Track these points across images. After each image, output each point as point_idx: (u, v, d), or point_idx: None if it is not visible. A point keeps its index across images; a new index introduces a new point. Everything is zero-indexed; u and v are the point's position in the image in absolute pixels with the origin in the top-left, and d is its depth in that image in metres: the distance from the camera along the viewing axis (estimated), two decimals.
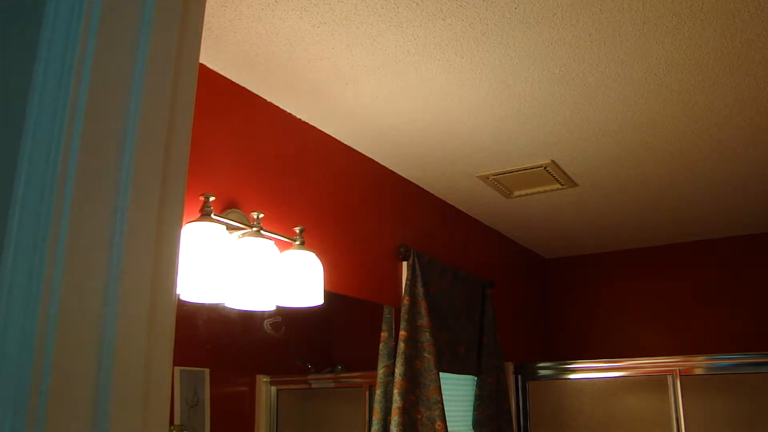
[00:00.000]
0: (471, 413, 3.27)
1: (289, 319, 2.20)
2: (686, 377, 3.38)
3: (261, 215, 1.96)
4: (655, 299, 4.21)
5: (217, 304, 1.89)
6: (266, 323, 2.11)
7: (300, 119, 2.41)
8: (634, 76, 2.15)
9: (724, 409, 3.43)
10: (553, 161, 2.84)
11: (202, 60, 2.01)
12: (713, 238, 4.11)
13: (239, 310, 1.97)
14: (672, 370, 3.40)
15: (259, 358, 2.12)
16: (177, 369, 1.79)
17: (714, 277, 4.08)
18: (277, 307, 2.09)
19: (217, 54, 1.99)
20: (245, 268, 1.84)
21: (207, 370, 1.89)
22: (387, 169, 2.89)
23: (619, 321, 4.30)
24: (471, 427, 3.27)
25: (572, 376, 3.70)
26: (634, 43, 1.96)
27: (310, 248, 2.23)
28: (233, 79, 2.13)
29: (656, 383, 3.48)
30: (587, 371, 3.66)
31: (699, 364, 3.38)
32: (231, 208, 2.04)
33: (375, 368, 2.57)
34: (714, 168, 2.94)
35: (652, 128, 2.54)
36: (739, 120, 2.46)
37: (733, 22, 1.85)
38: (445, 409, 2.71)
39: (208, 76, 2.04)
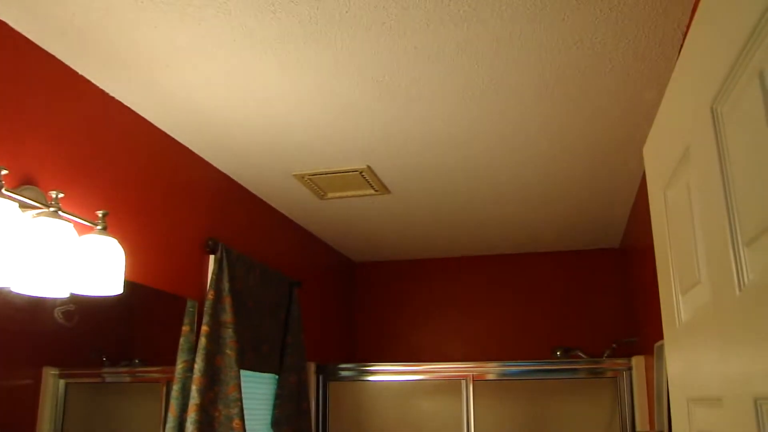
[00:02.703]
0: (270, 412, 3.25)
1: (84, 308, 2.06)
2: (479, 382, 3.60)
3: (60, 195, 1.81)
4: (454, 307, 4.45)
5: (0, 289, 1.73)
6: (57, 311, 1.96)
7: (113, 97, 2.27)
8: (453, 93, 2.26)
9: (511, 411, 3.71)
10: (369, 167, 2.91)
11: (4, 18, 1.83)
12: (514, 253, 4.43)
13: (27, 296, 1.81)
14: (466, 375, 3.62)
15: (48, 349, 1.96)
16: None
17: (510, 289, 4.40)
18: (72, 294, 1.95)
19: (24, 14, 1.82)
20: (37, 251, 1.69)
21: None
22: (202, 159, 2.80)
23: (420, 327, 4.50)
24: (270, 426, 3.25)
25: (372, 378, 3.80)
26: (455, 62, 2.06)
27: (113, 234, 2.10)
28: (40, 45, 1.96)
29: (451, 387, 3.68)
30: (387, 374, 3.79)
31: (490, 370, 3.63)
32: (26, 184, 1.87)
33: (174, 363, 2.47)
34: (519, 188, 3.17)
35: (467, 146, 2.69)
36: (542, 144, 2.67)
37: (545, 53, 2.01)
38: (245, 407, 2.67)
39: (10, 37, 1.86)
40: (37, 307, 1.88)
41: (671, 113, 1.20)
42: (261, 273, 3.08)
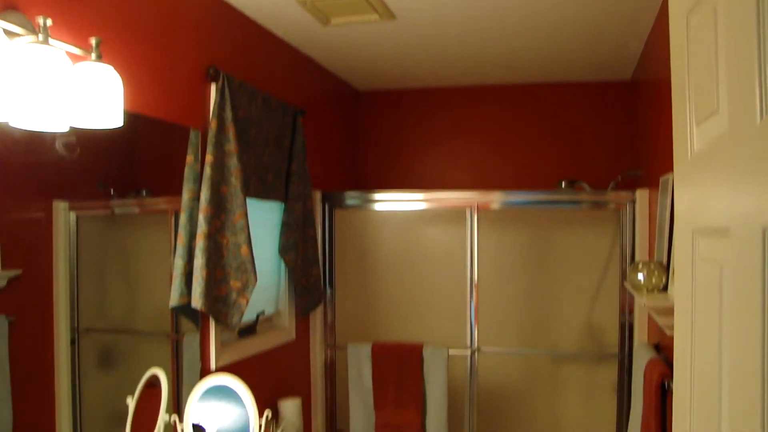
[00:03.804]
0: (278, 239, 3.33)
1: (87, 141, 2.03)
2: (483, 210, 3.65)
3: (48, 21, 1.72)
4: (460, 137, 4.42)
5: None
6: (59, 143, 1.94)
7: None
8: None
9: (514, 240, 3.79)
10: None
11: None
12: (522, 84, 4.32)
13: (26, 130, 1.78)
14: (470, 204, 3.65)
15: (56, 182, 1.96)
16: None
17: (516, 120, 4.34)
18: (72, 128, 1.92)
19: None
20: (30, 82, 1.63)
21: None
22: None
23: (425, 156, 4.49)
24: (277, 252, 3.34)
25: (377, 205, 3.85)
26: None
27: (108, 63, 2.03)
28: None
29: (455, 215, 3.73)
30: (392, 201, 3.83)
31: (495, 198, 3.66)
32: (9, 9, 1.77)
33: (180, 193, 2.49)
34: (529, 15, 3.01)
35: None
36: None
37: None
38: (252, 234, 2.72)
39: None
40: (37, 142, 1.85)
41: None
42: (264, 101, 3.03)
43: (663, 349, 2.70)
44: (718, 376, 1.00)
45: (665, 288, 2.40)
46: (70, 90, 1.76)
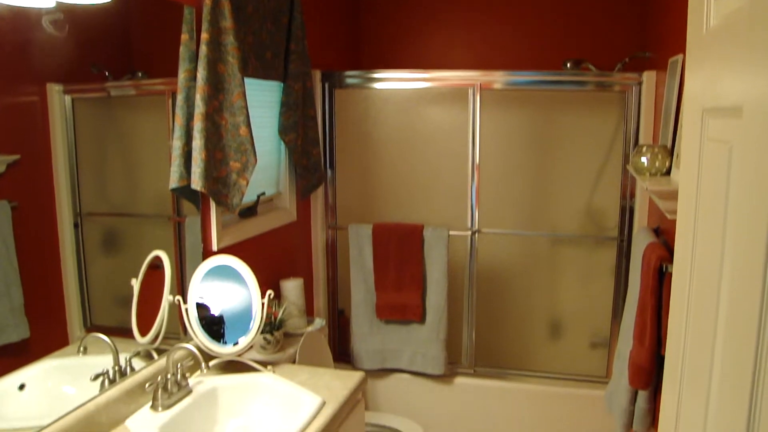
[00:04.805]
0: (277, 119, 3.28)
1: (78, 21, 1.95)
2: (486, 90, 3.58)
3: None
4: (463, 15, 4.26)
5: None
6: (45, 21, 1.86)
7: None
8: None
9: (516, 120, 3.74)
10: None
11: None
12: None
13: (8, 5, 1.70)
14: (473, 83, 3.57)
15: (48, 65, 1.89)
16: None
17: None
18: (58, 3, 1.84)
19: None
20: None
21: None
22: None
23: (428, 34, 4.35)
24: (277, 133, 3.31)
25: (378, 85, 3.77)
26: None
27: None
28: None
29: (458, 95, 3.66)
30: (393, 80, 3.75)
31: (498, 78, 3.57)
32: None
33: (177, 74, 2.42)
34: None
35: None
36: None
37: None
38: (251, 114, 2.67)
39: None
40: (23, 20, 1.77)
41: None
42: None
43: (662, 232, 2.72)
44: (720, 257, 0.99)
45: (668, 172, 2.38)
46: None
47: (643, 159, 2.41)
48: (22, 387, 1.81)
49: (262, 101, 3.15)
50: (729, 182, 0.97)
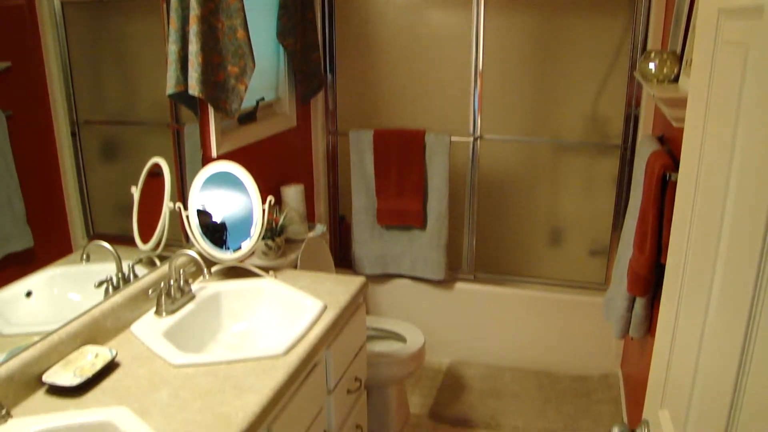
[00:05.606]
0: (276, 22, 3.19)
1: None
2: None
3: None
4: None
5: None
6: None
7: None
8: None
9: (521, 25, 3.62)
10: None
11: None
12: None
13: None
14: None
15: None
16: None
17: None
18: None
19: None
20: None
21: None
22: None
23: None
24: (275, 37, 3.22)
25: None
26: None
27: None
28: None
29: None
30: None
31: None
32: None
33: None
34: None
35: None
36: None
37: None
38: (248, 17, 2.59)
39: None
40: None
41: None
42: None
43: (667, 141, 2.68)
44: (728, 163, 0.97)
45: (676, 79, 2.32)
46: None
47: (651, 65, 2.35)
48: (29, 294, 1.83)
49: (259, 3, 3.05)
50: (742, 88, 0.94)
